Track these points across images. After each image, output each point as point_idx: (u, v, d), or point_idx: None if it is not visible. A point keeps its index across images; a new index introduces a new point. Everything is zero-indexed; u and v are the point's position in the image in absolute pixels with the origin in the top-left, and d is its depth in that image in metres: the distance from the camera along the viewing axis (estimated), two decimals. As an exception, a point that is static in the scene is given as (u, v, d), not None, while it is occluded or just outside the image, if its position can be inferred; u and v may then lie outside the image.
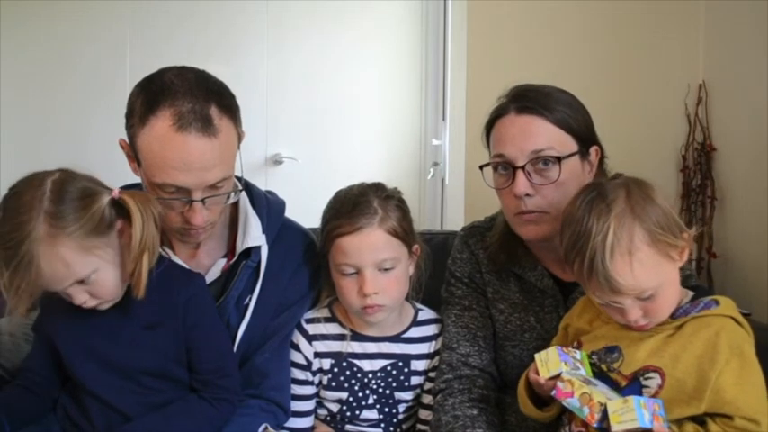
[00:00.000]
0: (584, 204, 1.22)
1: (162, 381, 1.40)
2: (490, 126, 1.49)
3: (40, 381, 1.44)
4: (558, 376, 1.21)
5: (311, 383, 1.57)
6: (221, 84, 1.41)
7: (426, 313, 1.62)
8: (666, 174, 2.64)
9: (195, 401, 1.41)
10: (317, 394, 1.59)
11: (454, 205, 2.86)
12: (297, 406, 1.56)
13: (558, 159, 1.40)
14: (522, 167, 1.41)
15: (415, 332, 1.58)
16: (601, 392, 1.18)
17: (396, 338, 1.57)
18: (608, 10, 2.69)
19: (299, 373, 1.57)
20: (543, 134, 1.41)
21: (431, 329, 1.60)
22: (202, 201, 1.35)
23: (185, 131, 1.30)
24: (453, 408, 1.45)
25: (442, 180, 3.16)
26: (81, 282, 1.27)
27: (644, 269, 1.18)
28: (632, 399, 1.14)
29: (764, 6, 2.25)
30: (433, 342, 1.59)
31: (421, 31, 3.35)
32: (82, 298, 1.29)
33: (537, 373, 1.25)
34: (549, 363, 1.24)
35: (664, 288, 1.21)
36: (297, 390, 1.56)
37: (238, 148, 1.42)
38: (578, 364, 1.25)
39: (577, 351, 1.28)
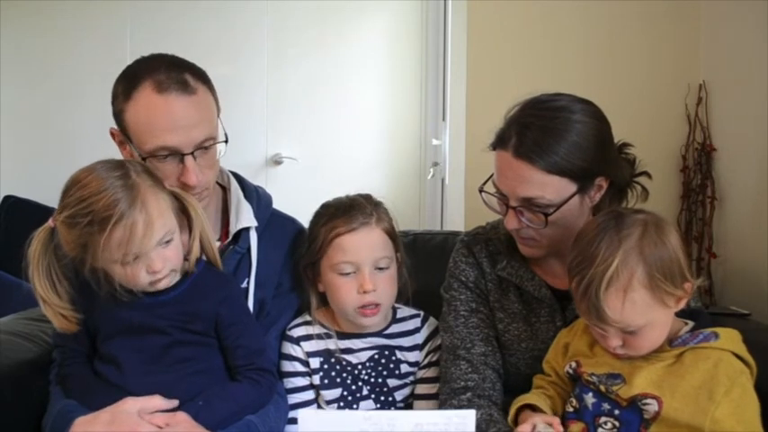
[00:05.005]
0: (599, 230, 1.23)
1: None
2: (494, 147, 1.47)
3: (83, 350, 1.44)
4: None
5: (311, 388, 1.59)
6: (192, 63, 1.51)
7: (404, 311, 1.65)
8: (666, 174, 2.64)
9: (239, 383, 1.44)
10: (315, 399, 1.60)
11: (454, 205, 2.86)
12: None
13: (549, 206, 1.40)
14: (514, 207, 1.42)
15: (396, 328, 1.61)
16: None
17: (378, 334, 1.60)
18: (608, 10, 2.70)
19: (299, 380, 1.59)
20: (536, 182, 1.38)
21: (411, 324, 1.63)
22: (193, 156, 1.42)
23: (166, 93, 1.40)
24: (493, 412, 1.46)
25: (442, 180, 3.16)
26: (167, 242, 1.34)
27: (634, 308, 1.19)
28: None
29: (764, 6, 2.25)
30: (417, 335, 1.62)
31: (421, 31, 3.35)
32: (159, 265, 1.32)
33: None
34: None
35: (649, 328, 1.22)
36: (300, 396, 1.58)
37: (218, 116, 1.50)
38: None
39: None
